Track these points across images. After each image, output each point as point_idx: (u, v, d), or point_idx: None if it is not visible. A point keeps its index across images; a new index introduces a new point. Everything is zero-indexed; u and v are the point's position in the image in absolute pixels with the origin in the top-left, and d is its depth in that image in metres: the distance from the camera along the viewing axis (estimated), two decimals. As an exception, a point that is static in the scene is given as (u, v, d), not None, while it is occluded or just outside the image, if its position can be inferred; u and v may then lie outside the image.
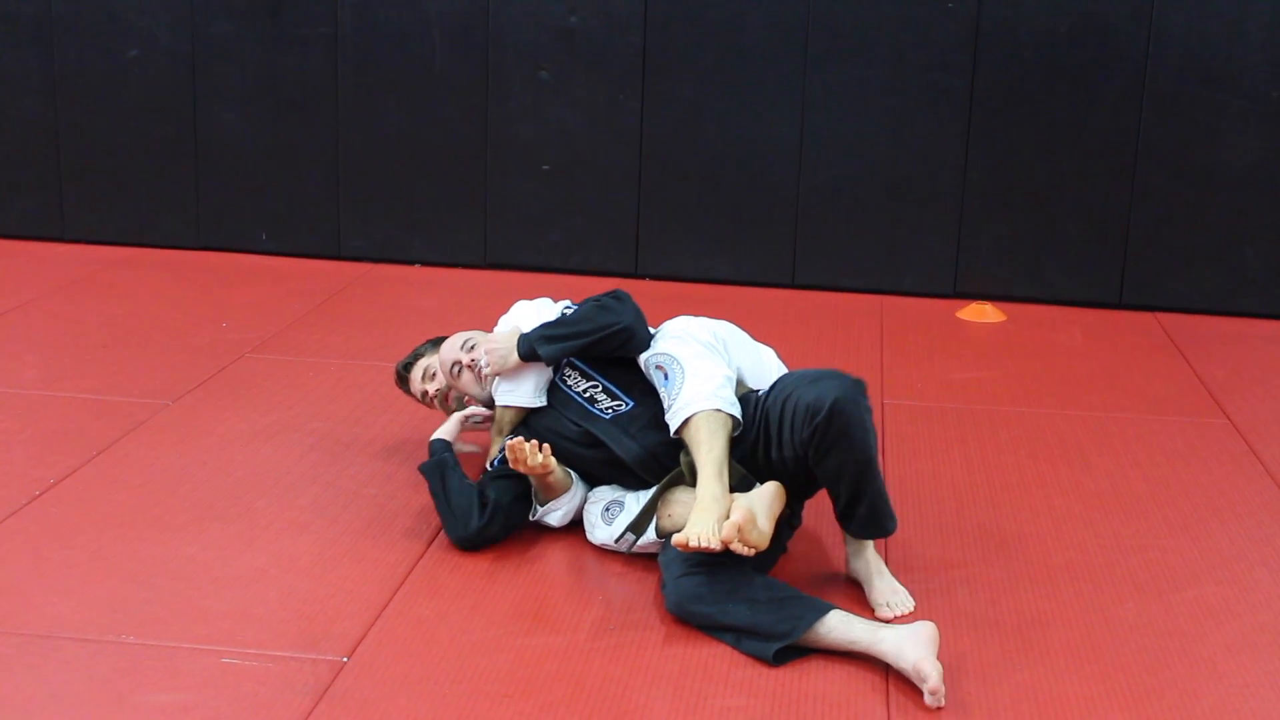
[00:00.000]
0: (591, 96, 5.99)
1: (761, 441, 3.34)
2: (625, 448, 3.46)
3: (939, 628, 3.02)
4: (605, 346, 3.58)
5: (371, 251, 6.27)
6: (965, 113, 5.80)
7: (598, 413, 3.53)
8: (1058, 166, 5.82)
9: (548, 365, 3.62)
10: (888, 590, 3.27)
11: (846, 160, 5.93)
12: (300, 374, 4.77)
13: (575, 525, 3.59)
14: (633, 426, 3.48)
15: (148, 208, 6.36)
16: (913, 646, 2.91)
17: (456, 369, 3.76)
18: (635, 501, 3.44)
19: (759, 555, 3.17)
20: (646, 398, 3.51)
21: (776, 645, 2.99)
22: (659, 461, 3.43)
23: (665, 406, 3.38)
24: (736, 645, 3.06)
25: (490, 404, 3.75)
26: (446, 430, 3.70)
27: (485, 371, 3.66)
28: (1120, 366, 5.17)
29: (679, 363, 3.40)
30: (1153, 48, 5.65)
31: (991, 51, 5.74)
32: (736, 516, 3.06)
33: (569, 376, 3.63)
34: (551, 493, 3.52)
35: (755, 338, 3.77)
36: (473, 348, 3.74)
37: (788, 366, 3.71)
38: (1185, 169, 5.75)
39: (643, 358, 3.54)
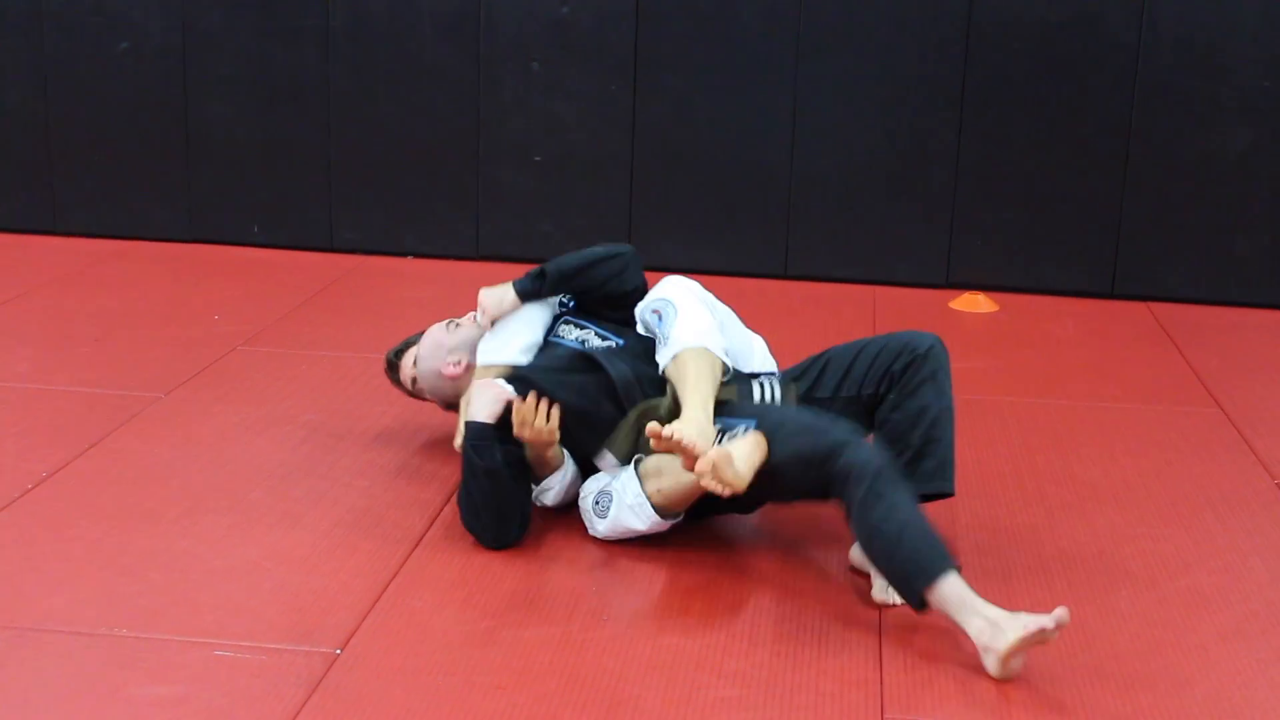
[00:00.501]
0: (583, 88, 5.99)
1: (808, 381, 3.40)
2: (617, 369, 3.46)
3: (928, 618, 3.03)
4: (603, 272, 3.60)
5: (364, 243, 6.26)
6: (957, 103, 5.80)
7: (590, 351, 3.56)
8: (1050, 157, 5.82)
9: (552, 291, 3.62)
10: None
11: (839, 150, 5.92)
12: (293, 366, 4.77)
13: (568, 516, 3.59)
14: (624, 356, 3.51)
15: (139, 200, 6.35)
16: (1015, 627, 2.85)
17: (453, 325, 3.76)
18: (622, 485, 3.43)
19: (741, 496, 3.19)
20: (641, 339, 3.55)
21: (934, 574, 2.91)
22: (644, 391, 3.45)
23: (659, 345, 3.42)
24: (896, 549, 2.96)
25: None
26: (488, 408, 3.39)
27: (481, 320, 3.67)
28: (1113, 356, 5.18)
29: (673, 305, 3.43)
30: (1145, 38, 5.65)
31: (983, 41, 5.74)
32: (712, 454, 3.08)
33: (561, 329, 3.66)
34: (546, 468, 3.52)
35: (748, 327, 3.78)
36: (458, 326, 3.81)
37: (775, 358, 3.72)
38: (1177, 159, 5.75)
39: (639, 308, 3.55)
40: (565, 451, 3.56)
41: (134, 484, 3.80)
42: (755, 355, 3.66)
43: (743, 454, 3.14)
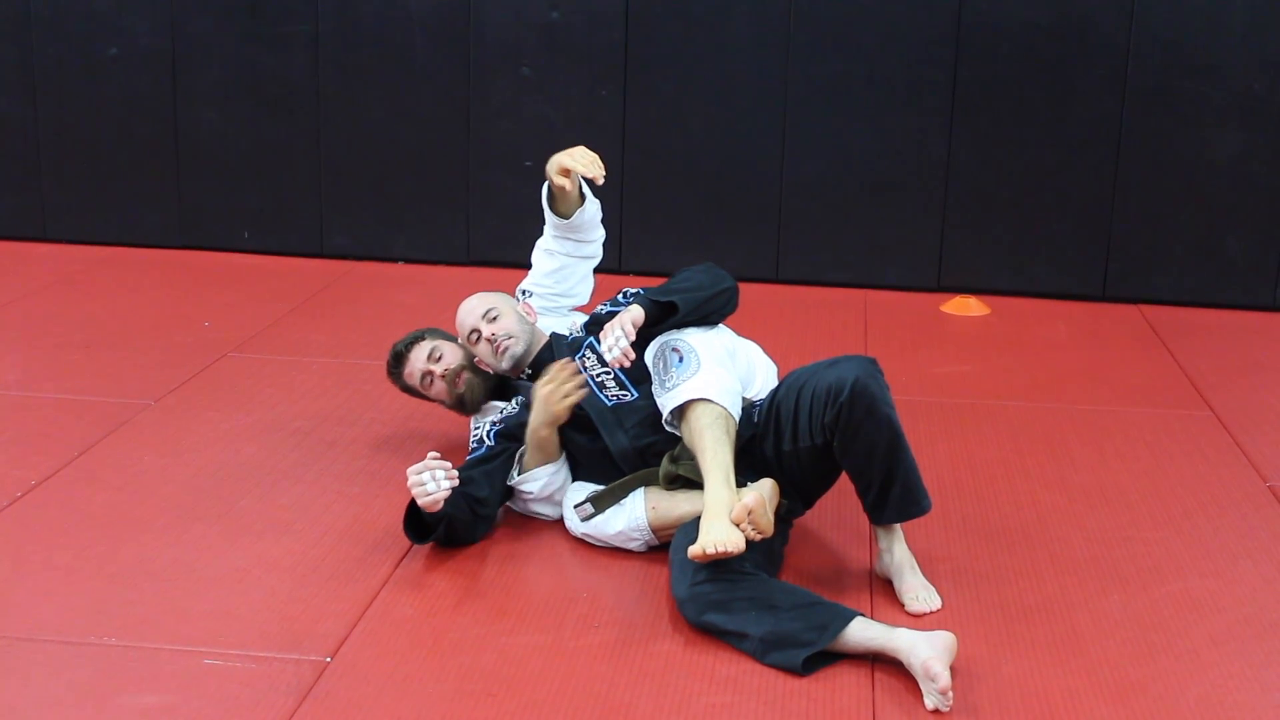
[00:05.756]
0: (573, 92, 5.98)
1: (771, 435, 3.33)
2: (615, 440, 3.45)
3: (922, 623, 3.02)
4: (715, 304, 3.56)
5: (354, 249, 6.25)
6: (948, 106, 5.80)
7: (603, 398, 3.52)
8: (1040, 160, 5.82)
9: (678, 324, 3.51)
10: (919, 585, 3.27)
11: (829, 154, 5.92)
12: (283, 373, 4.76)
13: (560, 523, 3.58)
14: (629, 420, 3.47)
15: (129, 207, 6.34)
16: (926, 647, 2.88)
17: (476, 336, 3.75)
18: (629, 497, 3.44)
19: (768, 562, 3.21)
20: (651, 398, 3.47)
21: (805, 653, 2.95)
22: (644, 461, 3.44)
23: (665, 384, 3.34)
24: (761, 658, 2.99)
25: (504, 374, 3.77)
26: (426, 503, 3.31)
27: (615, 356, 3.45)
28: (1104, 359, 5.18)
29: (697, 356, 3.37)
30: (1134, 40, 5.66)
31: (973, 45, 5.74)
32: (748, 499, 3.07)
33: (588, 358, 3.62)
34: (545, 455, 3.52)
35: (739, 333, 3.76)
36: (495, 319, 3.74)
37: (774, 360, 3.70)
38: (1167, 162, 5.76)
39: (660, 339, 3.49)
40: (563, 453, 3.57)
41: (123, 492, 3.79)
42: (754, 385, 3.58)
43: (765, 500, 3.16)
